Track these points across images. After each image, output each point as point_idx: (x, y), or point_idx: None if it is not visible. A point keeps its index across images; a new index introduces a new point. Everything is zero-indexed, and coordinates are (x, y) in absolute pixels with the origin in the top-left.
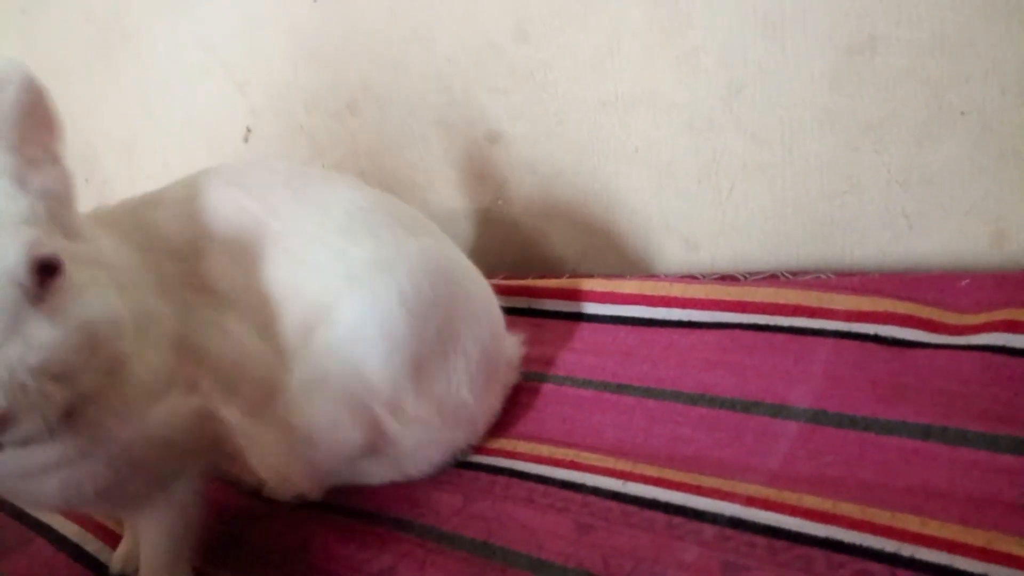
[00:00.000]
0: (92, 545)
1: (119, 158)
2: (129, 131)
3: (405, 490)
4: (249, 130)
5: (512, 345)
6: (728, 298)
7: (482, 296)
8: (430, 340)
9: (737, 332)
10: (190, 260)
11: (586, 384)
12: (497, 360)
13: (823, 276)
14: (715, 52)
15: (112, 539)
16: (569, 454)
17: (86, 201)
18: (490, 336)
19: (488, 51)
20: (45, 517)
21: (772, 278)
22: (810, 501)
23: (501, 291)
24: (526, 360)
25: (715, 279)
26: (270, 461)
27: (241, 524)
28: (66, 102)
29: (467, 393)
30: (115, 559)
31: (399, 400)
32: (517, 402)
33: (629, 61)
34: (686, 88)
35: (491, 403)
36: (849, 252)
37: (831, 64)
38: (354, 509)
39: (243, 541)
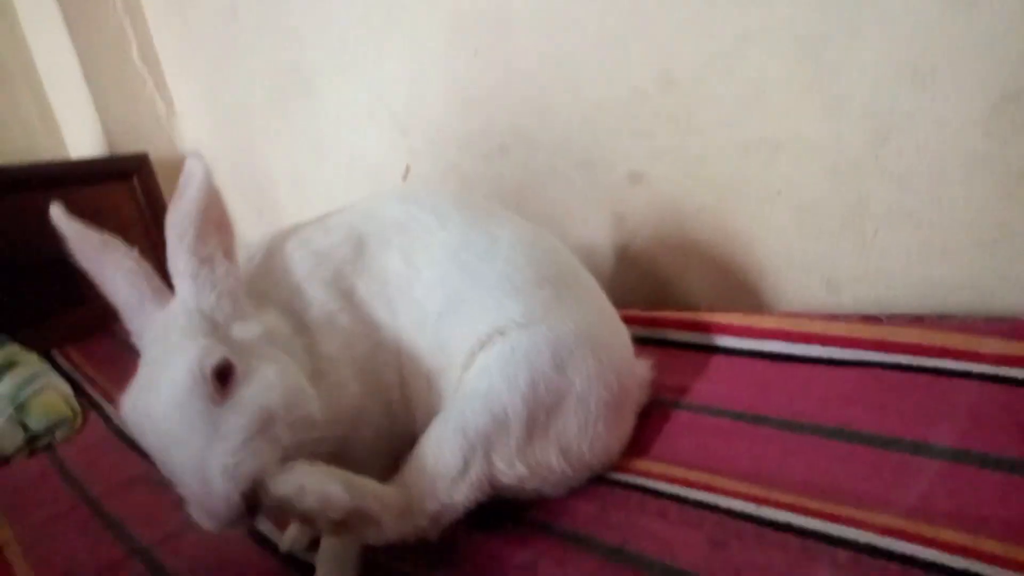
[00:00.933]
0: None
1: (290, 191)
2: (301, 168)
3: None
4: (408, 168)
5: (642, 368)
6: (871, 337)
7: (613, 349)
8: (549, 402)
9: (879, 371)
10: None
11: (720, 413)
12: (625, 399)
13: (970, 320)
14: (861, 100)
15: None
16: (703, 477)
17: (259, 231)
18: (617, 383)
19: (634, 96)
20: None
21: (917, 319)
22: (948, 535)
23: (634, 321)
24: (661, 388)
25: (857, 318)
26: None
27: None
28: (250, 139)
29: (589, 443)
30: (285, 539)
31: (509, 453)
32: (650, 427)
33: (774, 107)
34: (831, 134)
35: (623, 431)
36: (1000, 300)
37: (982, 111)
38: (495, 508)
39: None
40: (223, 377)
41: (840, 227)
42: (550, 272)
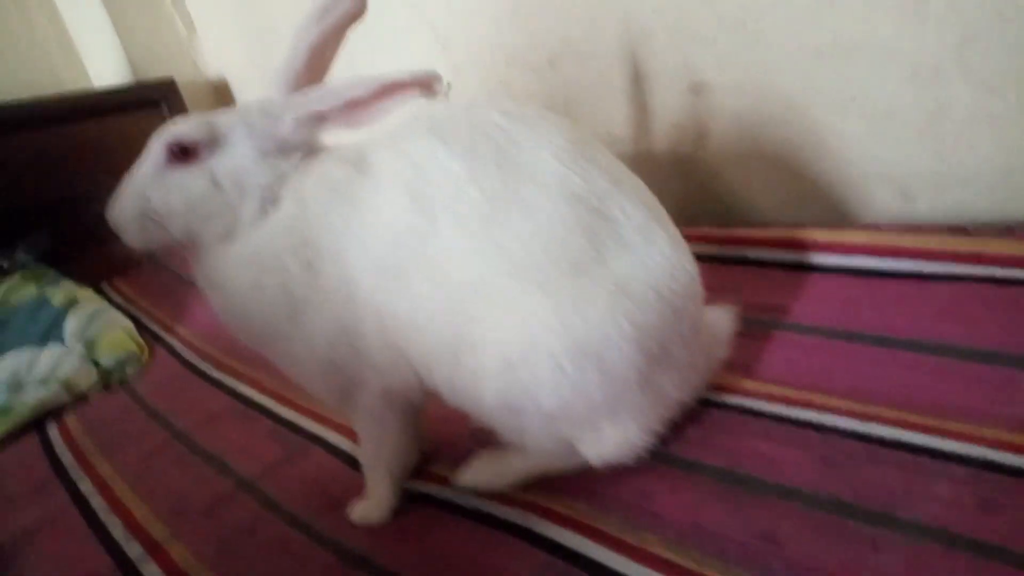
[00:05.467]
0: None
1: None
2: None
3: None
4: (449, 86)
5: (721, 321)
6: (961, 250)
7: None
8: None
9: (972, 284)
10: None
11: (812, 331)
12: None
13: None
14: None
15: None
16: (802, 394)
17: None
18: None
19: (696, 0)
20: (319, 431)
21: (1008, 230)
22: None
23: (709, 239)
24: (748, 308)
25: (944, 230)
26: None
27: None
28: (277, 55)
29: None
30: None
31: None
32: (742, 346)
33: (850, 8)
34: (912, 36)
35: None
36: None
37: None
38: None
39: None
40: None
41: (918, 134)
42: (586, 252)
